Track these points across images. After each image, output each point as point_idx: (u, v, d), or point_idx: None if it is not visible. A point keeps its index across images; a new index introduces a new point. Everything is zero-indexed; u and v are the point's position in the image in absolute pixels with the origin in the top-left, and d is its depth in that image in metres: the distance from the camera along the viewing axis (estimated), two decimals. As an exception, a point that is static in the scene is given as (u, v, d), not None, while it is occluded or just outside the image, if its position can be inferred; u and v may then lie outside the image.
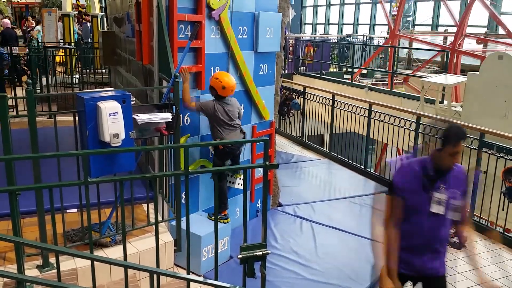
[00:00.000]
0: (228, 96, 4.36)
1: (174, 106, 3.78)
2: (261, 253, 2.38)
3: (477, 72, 9.17)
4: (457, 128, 2.58)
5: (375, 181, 6.96)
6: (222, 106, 4.32)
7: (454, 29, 13.88)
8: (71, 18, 12.45)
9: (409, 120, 6.66)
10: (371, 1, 22.44)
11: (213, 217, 4.29)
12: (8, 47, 9.06)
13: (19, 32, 18.16)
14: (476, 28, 15.53)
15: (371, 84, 13.52)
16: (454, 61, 12.37)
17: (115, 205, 3.71)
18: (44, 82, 8.84)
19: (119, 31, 6.22)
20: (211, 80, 4.32)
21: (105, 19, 10.62)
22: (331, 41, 19.19)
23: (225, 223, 4.54)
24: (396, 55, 15.02)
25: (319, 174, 7.36)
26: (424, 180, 2.61)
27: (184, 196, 4.27)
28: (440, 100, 9.90)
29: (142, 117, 3.52)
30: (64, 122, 4.73)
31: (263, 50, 5.02)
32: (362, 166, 7.50)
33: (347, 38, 20.29)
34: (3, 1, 28.13)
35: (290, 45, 15.24)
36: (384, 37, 18.33)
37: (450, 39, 14.81)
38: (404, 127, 6.67)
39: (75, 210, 3.85)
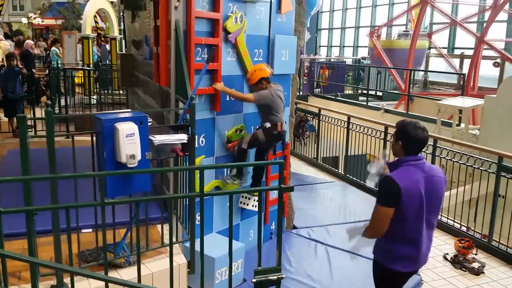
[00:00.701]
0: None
1: (190, 127, 3.81)
2: (275, 277, 2.35)
3: (495, 95, 9.09)
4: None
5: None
6: (277, 94, 4.50)
7: (470, 52, 13.84)
8: (90, 40, 12.75)
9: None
10: (386, 24, 22.53)
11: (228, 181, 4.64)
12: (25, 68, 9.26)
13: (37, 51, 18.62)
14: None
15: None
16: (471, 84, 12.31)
17: (130, 225, 3.71)
18: (62, 102, 9.02)
19: (137, 54, 6.34)
20: (254, 74, 4.44)
21: (123, 41, 10.86)
22: (346, 63, 19.27)
23: (236, 183, 4.67)
24: (412, 78, 14.98)
25: (334, 196, 7.29)
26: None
27: (198, 218, 4.26)
28: (457, 123, 9.80)
29: (159, 138, 3.55)
30: (81, 142, 4.80)
31: (279, 72, 5.05)
32: (377, 189, 7.40)
33: (362, 61, 20.36)
34: (24, 23, 28.99)
35: (305, 67, 15.34)
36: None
37: (466, 63, 14.79)
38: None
39: (90, 229, 3.86)
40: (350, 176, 8.04)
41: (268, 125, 4.48)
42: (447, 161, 6.23)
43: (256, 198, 4.87)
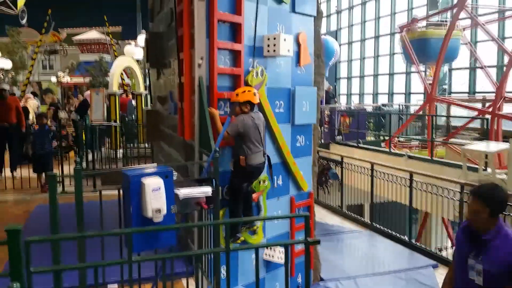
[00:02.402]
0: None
1: (214, 180, 3.85)
2: (304, 333, 2.28)
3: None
4: (479, 185, 2.60)
5: (421, 253, 6.65)
6: (252, 121, 4.17)
7: (492, 96, 13.76)
8: (117, 97, 13.21)
9: (452, 190, 6.46)
10: (405, 72, 22.78)
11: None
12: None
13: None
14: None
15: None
16: (495, 127, 12.13)
17: (155, 281, 3.69)
18: (90, 157, 9.25)
19: (162, 109, 6.54)
20: (240, 96, 4.17)
21: (149, 97, 11.22)
22: (366, 110, 19.35)
23: (238, 242, 4.39)
24: (434, 123, 14.89)
25: (361, 246, 7.13)
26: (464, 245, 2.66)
27: (223, 271, 4.21)
28: (484, 167, 9.61)
29: (183, 192, 3.58)
30: (108, 195, 4.88)
31: (300, 122, 5.13)
32: (406, 237, 7.21)
33: (383, 107, 20.42)
34: (53, 82, 30.35)
35: (326, 115, 15.46)
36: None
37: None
38: (448, 196, 6.46)
39: (116, 285, 3.85)
40: (377, 225, 7.87)
41: (232, 162, 4.20)
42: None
43: (281, 249, 4.80)
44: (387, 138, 14.64)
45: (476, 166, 9.71)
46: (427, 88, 15.54)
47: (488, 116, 13.23)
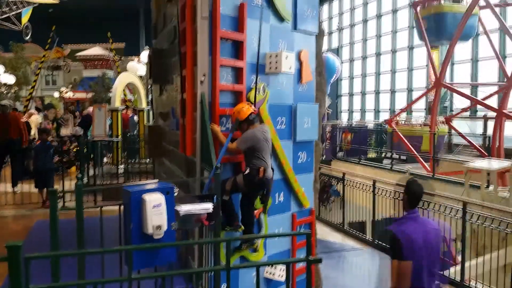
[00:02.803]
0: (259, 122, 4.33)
1: (215, 196, 3.84)
2: None
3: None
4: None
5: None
6: (262, 133, 4.23)
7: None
8: (119, 113, 13.27)
9: (455, 207, 6.42)
10: (406, 89, 22.88)
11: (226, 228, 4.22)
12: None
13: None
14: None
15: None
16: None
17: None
18: (91, 172, 9.25)
19: (164, 125, 6.56)
20: (241, 114, 4.20)
21: (151, 112, 11.27)
22: (368, 127, 19.39)
23: (239, 231, 4.33)
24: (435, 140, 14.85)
25: (363, 264, 7.07)
26: None
27: (224, 289, 4.17)
28: (486, 185, 9.57)
29: (184, 208, 3.57)
30: (108, 211, 4.87)
31: (301, 139, 5.13)
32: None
33: (384, 125, 20.47)
34: (56, 97, 30.54)
35: (327, 131, 15.49)
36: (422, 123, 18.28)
37: (490, 124, 14.60)
38: (450, 214, 6.42)
39: (115, 302, 3.81)
40: (379, 242, 7.81)
41: (247, 170, 4.18)
42: (478, 226, 6.03)
43: (283, 267, 4.76)
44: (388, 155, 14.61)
45: (479, 184, 9.68)
46: (436, 72, 15.06)
47: (493, 115, 13.03)
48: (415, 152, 14.24)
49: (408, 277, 2.93)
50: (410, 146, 14.42)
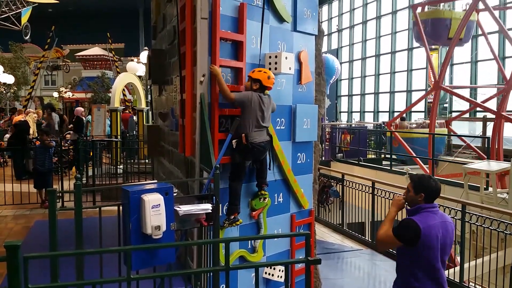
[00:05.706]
0: (268, 90, 4.32)
1: (214, 197, 3.84)
2: None
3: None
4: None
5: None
6: (258, 98, 4.19)
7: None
8: (118, 113, 13.27)
9: (453, 208, 6.43)
10: (406, 90, 22.90)
11: (226, 222, 4.22)
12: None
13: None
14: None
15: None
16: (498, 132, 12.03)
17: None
18: (90, 172, 9.24)
19: (163, 125, 6.56)
20: (254, 73, 4.23)
21: (150, 113, 11.27)
22: (367, 128, 19.39)
23: (237, 224, 4.32)
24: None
25: (362, 265, 7.06)
26: None
27: (222, 289, 4.17)
28: (485, 186, 9.58)
29: (183, 209, 3.57)
30: (107, 211, 4.87)
31: (301, 140, 5.13)
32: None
33: (384, 126, 20.49)
34: (55, 97, 30.51)
35: (327, 132, 15.49)
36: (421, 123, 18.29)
37: (489, 127, 14.61)
38: (449, 216, 6.42)
39: (114, 302, 3.81)
40: (378, 243, 7.81)
41: (234, 141, 4.17)
42: (477, 227, 6.03)
43: (281, 268, 4.76)
44: (388, 156, 14.57)
45: (478, 185, 9.68)
46: (435, 75, 15.08)
47: (492, 116, 13.04)
48: (413, 154, 14.26)
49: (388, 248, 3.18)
50: (408, 147, 14.43)
